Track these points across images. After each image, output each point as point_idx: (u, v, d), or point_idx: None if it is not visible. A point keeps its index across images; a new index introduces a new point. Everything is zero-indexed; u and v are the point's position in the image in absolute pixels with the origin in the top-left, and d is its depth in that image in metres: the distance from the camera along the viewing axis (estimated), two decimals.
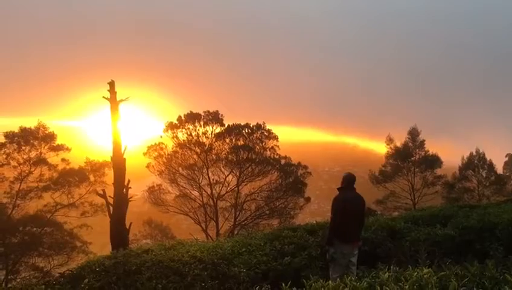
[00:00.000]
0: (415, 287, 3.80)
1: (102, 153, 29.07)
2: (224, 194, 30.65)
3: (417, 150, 35.95)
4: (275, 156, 30.63)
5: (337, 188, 7.71)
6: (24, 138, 26.85)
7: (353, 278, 4.36)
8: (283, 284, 4.50)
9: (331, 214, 7.58)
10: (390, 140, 36.85)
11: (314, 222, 12.54)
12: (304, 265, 8.34)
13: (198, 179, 30.54)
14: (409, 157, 35.91)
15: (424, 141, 36.26)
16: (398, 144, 36.54)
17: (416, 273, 4.25)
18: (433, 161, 35.59)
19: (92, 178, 28.31)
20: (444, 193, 35.46)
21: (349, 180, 7.67)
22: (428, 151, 36.06)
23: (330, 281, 4.37)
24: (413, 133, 36.26)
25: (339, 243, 7.32)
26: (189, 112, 30.71)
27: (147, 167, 30.79)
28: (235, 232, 28.25)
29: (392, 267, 4.53)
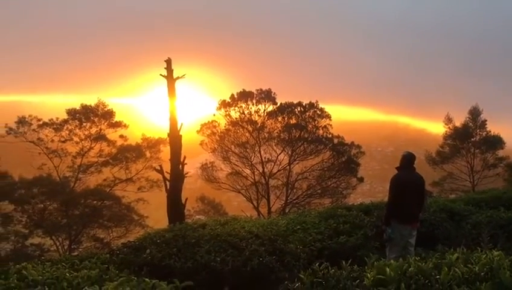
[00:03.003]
0: (485, 269, 3.63)
1: (158, 130, 29.93)
2: (276, 173, 30.75)
3: (478, 130, 34.40)
4: (328, 135, 30.28)
5: (396, 168, 7.51)
6: (85, 114, 27.94)
7: (411, 259, 4.24)
8: (343, 262, 4.45)
9: (389, 193, 7.41)
10: (448, 120, 35.41)
11: (370, 201, 12.32)
12: (360, 244, 8.25)
13: (250, 157, 30.78)
14: (469, 138, 34.45)
15: (485, 121, 34.60)
16: (457, 123, 35.11)
17: (485, 255, 4.07)
18: (495, 142, 33.93)
19: (148, 154, 29.11)
20: (506, 176, 33.76)
21: (408, 160, 7.45)
22: (490, 131, 34.43)
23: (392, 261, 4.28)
24: (474, 113, 34.64)
25: (396, 223, 7.16)
26: (241, 90, 30.82)
27: (201, 144, 31.33)
28: (287, 210, 28.36)
29: (460, 248, 4.35)
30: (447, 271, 3.57)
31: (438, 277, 3.54)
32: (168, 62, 13.89)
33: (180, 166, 13.65)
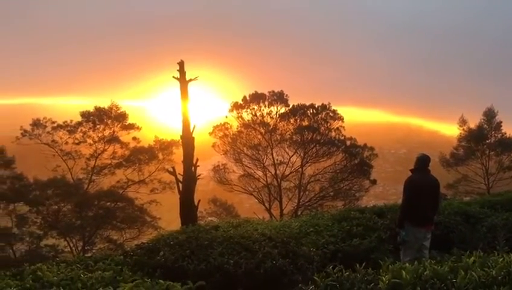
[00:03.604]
0: (502, 273, 3.58)
1: (170, 132, 30.07)
2: (288, 175, 30.72)
3: (493, 132, 33.98)
4: (340, 137, 30.18)
5: (410, 170, 7.45)
6: (98, 117, 28.20)
7: (427, 262, 4.20)
8: (357, 265, 4.42)
9: (403, 195, 7.36)
10: (463, 121, 35.03)
11: (383, 203, 12.22)
12: (374, 247, 8.17)
13: (263, 159, 30.78)
14: (484, 140, 34.06)
15: (501, 122, 34.18)
16: (472, 125, 34.73)
17: (502, 258, 4.01)
18: (511, 144, 33.51)
19: (160, 156, 29.25)
20: None
21: (422, 162, 7.38)
22: (505, 133, 33.99)
23: (407, 264, 4.24)
24: (489, 114, 34.23)
25: (410, 226, 7.10)
26: (254, 92, 30.86)
27: (213, 146, 31.42)
28: (299, 213, 28.29)
29: (476, 252, 4.29)
30: (463, 275, 3.54)
31: (454, 280, 3.50)
32: (181, 64, 13.92)
33: (193, 168, 13.67)
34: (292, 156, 30.69)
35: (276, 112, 30.53)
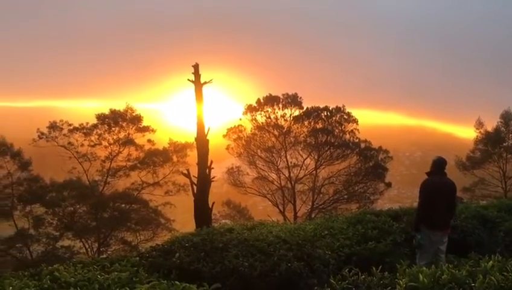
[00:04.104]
0: None
1: (184, 134, 30.19)
2: (302, 177, 30.66)
3: (510, 135, 33.51)
4: (355, 139, 30.05)
5: (426, 173, 7.36)
6: (114, 119, 28.39)
7: (444, 266, 4.15)
8: (373, 268, 4.39)
9: (419, 198, 7.29)
10: (480, 124, 34.59)
11: (398, 207, 12.10)
12: (389, 251, 8.10)
13: (277, 162, 30.79)
14: (501, 143, 33.58)
15: None
16: (488, 128, 34.28)
17: None
18: None
19: (175, 158, 29.36)
20: None
21: (439, 165, 7.29)
22: None
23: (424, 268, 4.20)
24: (506, 117, 33.77)
25: (426, 229, 7.03)
26: (268, 95, 30.91)
27: (227, 148, 31.52)
28: (313, 215, 28.19)
29: (494, 256, 4.23)
30: (482, 279, 3.49)
31: (473, 284, 3.46)
32: (196, 67, 14.02)
33: (207, 170, 13.74)
34: (306, 158, 30.64)
35: (290, 115, 30.53)
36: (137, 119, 28.90)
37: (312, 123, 30.19)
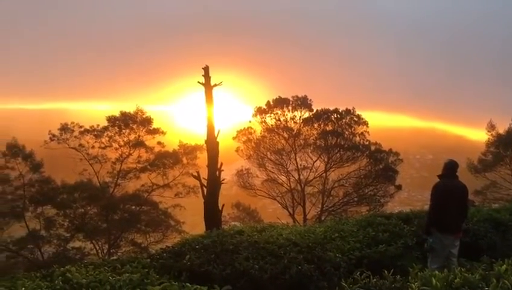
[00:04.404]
0: None
1: (194, 136, 30.26)
2: (311, 180, 30.56)
3: None
4: (365, 142, 29.89)
5: (438, 176, 7.33)
6: (124, 121, 28.51)
7: (456, 270, 4.11)
8: (385, 271, 4.36)
9: (431, 201, 7.25)
10: (491, 126, 34.19)
11: (409, 209, 12.03)
12: (400, 254, 8.05)
13: (286, 164, 30.72)
14: None
15: None
16: (500, 130, 33.88)
17: None
18: None
19: (184, 161, 29.39)
20: None
21: (451, 168, 7.26)
22: None
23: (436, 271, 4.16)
24: None
25: (438, 232, 6.98)
26: (277, 97, 30.84)
27: (236, 151, 31.50)
28: (322, 218, 28.09)
29: (507, 260, 4.18)
30: (495, 283, 3.45)
31: (486, 288, 3.42)
32: (206, 70, 14.06)
33: (217, 172, 13.76)
34: (316, 161, 30.53)
35: (300, 117, 30.44)
36: (148, 121, 29.01)
37: (322, 125, 30.08)
